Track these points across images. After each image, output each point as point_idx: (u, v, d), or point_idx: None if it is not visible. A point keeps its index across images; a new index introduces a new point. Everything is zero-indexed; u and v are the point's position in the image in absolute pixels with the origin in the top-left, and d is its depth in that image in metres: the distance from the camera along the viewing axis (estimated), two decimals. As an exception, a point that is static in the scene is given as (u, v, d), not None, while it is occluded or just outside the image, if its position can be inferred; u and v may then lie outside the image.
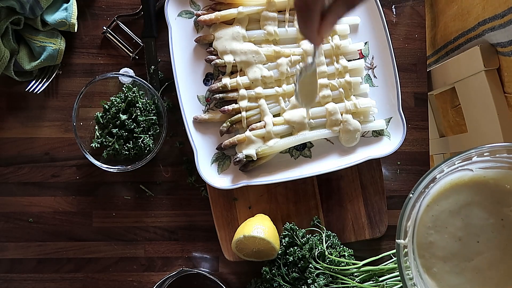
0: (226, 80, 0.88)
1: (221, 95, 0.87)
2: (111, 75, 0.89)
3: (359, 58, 0.90)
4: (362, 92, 0.89)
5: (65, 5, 0.90)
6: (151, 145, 0.89)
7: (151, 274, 0.93)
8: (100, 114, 0.89)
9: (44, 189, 0.93)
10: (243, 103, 0.87)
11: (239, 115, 0.87)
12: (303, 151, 0.89)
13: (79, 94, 0.86)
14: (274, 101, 0.88)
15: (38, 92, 0.92)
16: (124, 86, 0.89)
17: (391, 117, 0.89)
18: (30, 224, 0.93)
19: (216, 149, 0.89)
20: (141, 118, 0.88)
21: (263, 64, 0.88)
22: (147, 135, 0.89)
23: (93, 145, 0.88)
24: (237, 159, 0.86)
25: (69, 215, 0.93)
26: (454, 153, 1.06)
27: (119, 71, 0.93)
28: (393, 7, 0.95)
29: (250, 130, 0.87)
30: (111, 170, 0.88)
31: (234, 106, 0.87)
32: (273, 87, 0.88)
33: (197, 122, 0.88)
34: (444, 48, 0.98)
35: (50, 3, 0.87)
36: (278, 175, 0.87)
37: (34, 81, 0.92)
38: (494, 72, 0.81)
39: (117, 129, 0.87)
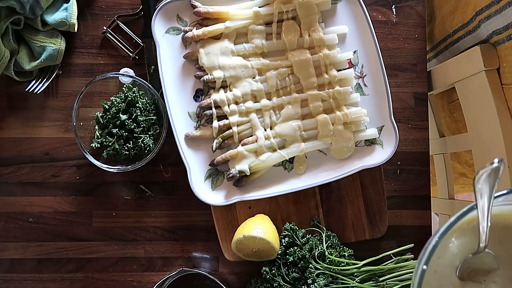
0: (216, 96, 0.87)
1: (211, 111, 0.87)
2: (111, 75, 0.89)
3: (348, 68, 0.89)
4: (353, 101, 0.88)
5: (65, 5, 0.90)
6: (151, 145, 0.89)
7: (151, 274, 0.93)
8: (100, 114, 0.89)
9: (44, 189, 0.93)
10: (234, 118, 0.87)
11: (231, 130, 0.87)
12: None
13: (79, 94, 0.86)
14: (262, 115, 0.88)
15: (38, 92, 0.92)
16: (124, 86, 0.89)
17: (383, 125, 0.88)
18: (30, 224, 0.93)
19: (209, 165, 0.88)
20: (141, 118, 0.88)
21: (252, 78, 0.87)
22: (147, 135, 0.88)
23: (93, 145, 0.88)
24: (230, 175, 0.86)
25: (69, 215, 0.93)
26: (453, 153, 1.06)
27: (119, 71, 0.93)
28: (393, 7, 0.95)
29: (242, 145, 0.87)
30: (111, 170, 0.88)
31: (225, 121, 0.87)
32: (270, 99, 0.87)
33: (189, 139, 0.88)
34: (443, 42, 0.98)
35: (50, 3, 0.87)
36: (272, 189, 0.87)
37: (34, 81, 0.92)
38: (494, 72, 0.81)
39: (117, 129, 0.87)
